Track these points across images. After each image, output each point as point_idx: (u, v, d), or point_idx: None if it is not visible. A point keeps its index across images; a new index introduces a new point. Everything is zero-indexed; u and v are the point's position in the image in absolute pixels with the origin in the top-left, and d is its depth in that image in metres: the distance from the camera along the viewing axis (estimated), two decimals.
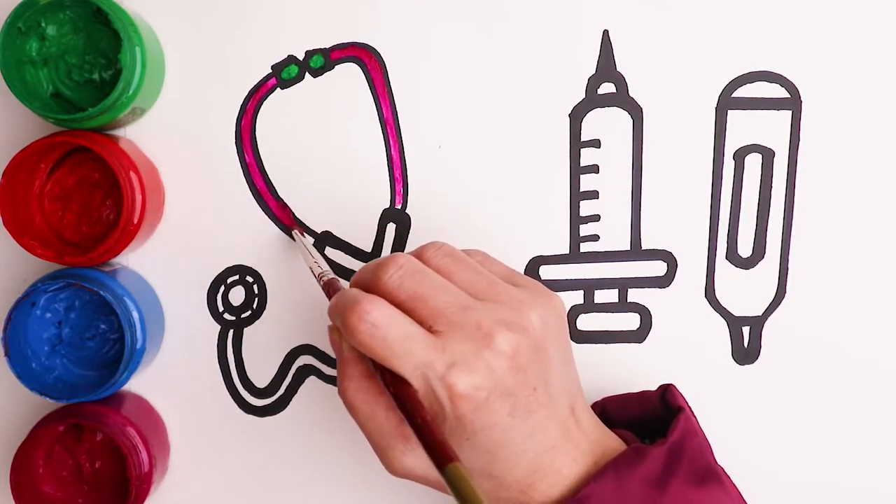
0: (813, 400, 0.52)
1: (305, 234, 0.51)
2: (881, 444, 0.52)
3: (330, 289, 0.44)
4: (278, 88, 0.51)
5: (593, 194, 0.51)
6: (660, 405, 0.46)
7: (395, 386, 0.38)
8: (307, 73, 0.51)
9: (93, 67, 0.48)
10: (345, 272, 0.51)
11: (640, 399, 0.47)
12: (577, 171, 0.51)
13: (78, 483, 0.49)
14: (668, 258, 0.52)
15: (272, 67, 0.51)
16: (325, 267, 0.47)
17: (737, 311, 0.52)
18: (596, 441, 0.42)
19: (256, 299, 0.51)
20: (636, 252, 0.52)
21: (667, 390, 0.46)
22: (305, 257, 0.48)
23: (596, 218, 0.51)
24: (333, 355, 0.51)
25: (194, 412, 0.51)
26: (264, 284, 0.51)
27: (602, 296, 0.52)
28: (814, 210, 0.51)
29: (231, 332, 0.51)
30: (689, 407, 0.45)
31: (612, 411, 0.46)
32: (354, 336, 0.38)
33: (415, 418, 0.37)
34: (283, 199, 0.51)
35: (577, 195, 0.51)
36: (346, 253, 0.51)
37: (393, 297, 0.39)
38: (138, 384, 0.51)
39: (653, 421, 0.45)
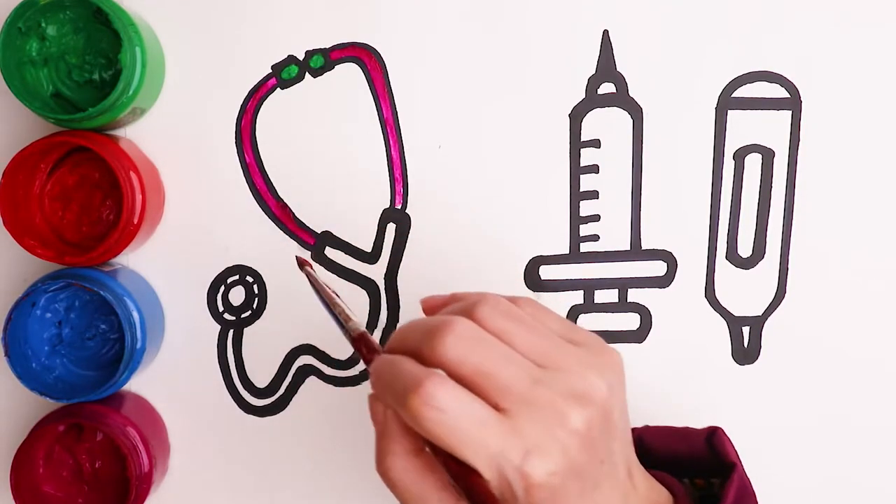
0: (813, 400, 0.52)
1: (314, 270, 0.44)
2: (881, 443, 0.52)
3: (362, 346, 0.40)
4: (278, 88, 0.51)
5: (593, 194, 0.51)
6: (706, 448, 0.43)
7: (465, 478, 0.35)
8: (307, 73, 0.51)
9: (93, 67, 0.48)
10: (345, 272, 0.51)
11: (682, 435, 0.44)
12: (577, 171, 0.51)
13: (78, 483, 0.49)
14: (668, 258, 0.52)
15: (272, 67, 0.51)
16: (354, 316, 0.42)
17: (737, 311, 0.52)
18: (647, 498, 0.39)
19: (256, 299, 0.51)
20: (636, 252, 0.52)
21: (714, 434, 0.43)
22: (324, 300, 0.43)
23: (596, 218, 0.51)
24: (334, 355, 0.51)
25: (194, 412, 0.51)
26: (264, 284, 0.51)
27: (602, 296, 0.52)
28: (814, 210, 0.51)
29: (231, 332, 0.51)
30: (739, 458, 0.43)
31: (650, 443, 0.43)
32: (419, 423, 0.34)
33: None
34: (283, 199, 0.51)
35: (577, 195, 0.51)
36: (346, 253, 0.51)
37: (453, 371, 0.35)
38: (138, 384, 0.51)
39: (695, 460, 0.43)
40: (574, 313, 0.52)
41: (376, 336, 0.52)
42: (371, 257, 0.51)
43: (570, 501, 0.35)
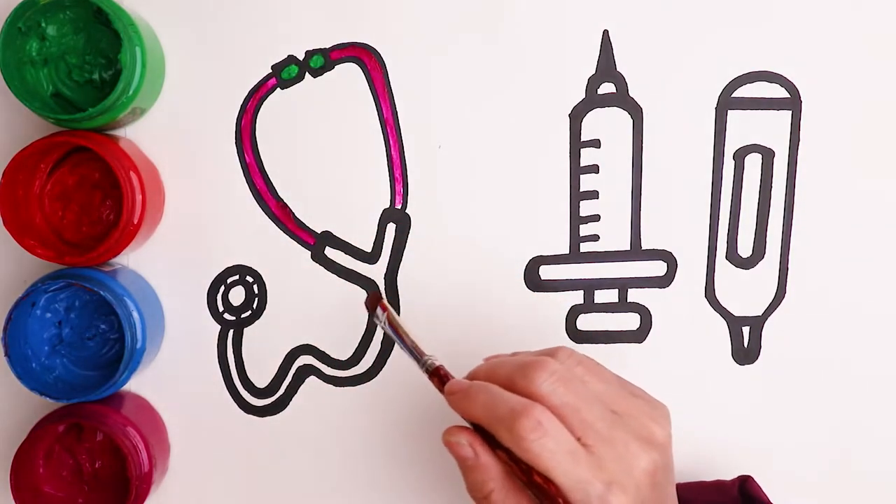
0: (812, 400, 0.52)
1: (388, 310, 0.45)
2: (881, 443, 0.52)
3: (442, 377, 0.43)
4: (278, 88, 0.51)
5: (593, 194, 0.51)
6: (739, 496, 0.47)
7: (547, 493, 0.38)
8: (307, 73, 0.51)
9: (93, 67, 0.48)
10: (345, 272, 0.51)
11: (716, 488, 0.48)
12: (577, 171, 0.51)
13: (78, 483, 0.49)
14: (668, 258, 0.52)
15: (272, 67, 0.51)
16: (429, 352, 0.44)
17: (737, 311, 0.52)
18: None
19: (256, 299, 0.51)
20: (636, 252, 0.52)
21: (746, 482, 0.47)
22: (398, 337, 0.45)
23: (596, 218, 0.51)
24: (334, 355, 0.51)
25: (194, 412, 0.51)
26: (264, 284, 0.51)
27: (602, 296, 0.52)
28: (814, 210, 0.51)
29: (231, 332, 0.51)
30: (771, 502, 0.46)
31: (685, 496, 0.46)
32: (524, 444, 0.38)
33: None
34: (283, 199, 0.51)
35: (577, 195, 0.51)
36: (346, 253, 0.51)
37: (546, 403, 0.39)
38: (138, 384, 0.51)
39: None
40: (574, 313, 0.52)
41: (377, 337, 0.52)
42: (371, 257, 0.51)
43: None
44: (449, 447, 0.41)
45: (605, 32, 0.51)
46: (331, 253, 0.51)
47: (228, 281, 0.51)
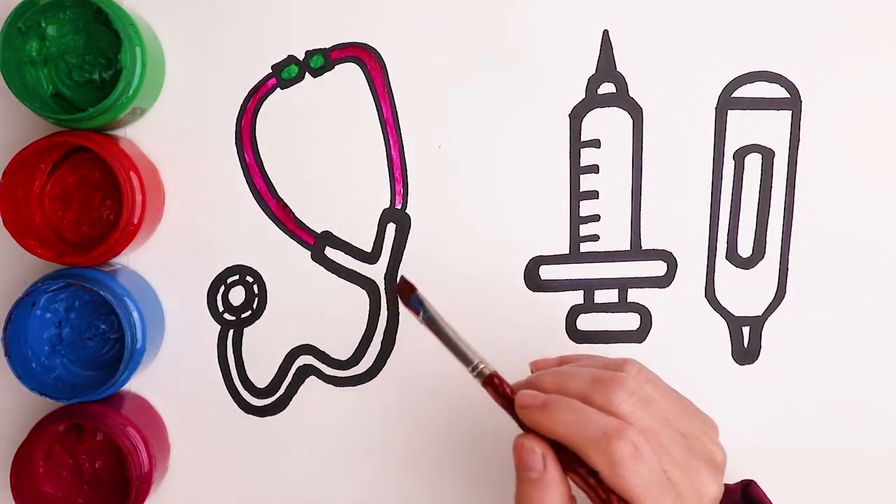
0: (813, 400, 0.52)
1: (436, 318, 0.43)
2: (881, 443, 0.52)
3: (497, 386, 0.41)
4: (278, 88, 0.51)
5: (593, 194, 0.51)
6: (741, 500, 0.46)
7: None
8: (307, 73, 0.51)
9: (93, 67, 0.48)
10: (345, 272, 0.51)
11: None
12: (577, 171, 0.51)
13: (78, 483, 0.49)
14: (668, 258, 0.52)
15: (272, 67, 0.51)
16: (482, 356, 0.42)
17: (737, 311, 0.52)
18: None
19: (256, 299, 0.51)
20: (636, 252, 0.52)
21: (749, 486, 0.46)
22: (454, 344, 0.42)
23: (596, 218, 0.51)
24: (334, 355, 0.51)
25: (194, 412, 0.51)
26: (264, 284, 0.51)
27: (602, 296, 0.52)
28: (814, 210, 0.51)
29: (231, 332, 0.51)
30: None
31: None
32: (618, 469, 0.37)
33: None
34: (283, 199, 0.51)
35: (577, 195, 0.51)
36: (346, 253, 0.51)
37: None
38: (138, 384, 0.51)
39: None
40: (574, 313, 0.52)
41: (377, 337, 0.52)
42: (371, 257, 0.51)
43: None
44: (519, 452, 0.39)
45: (605, 32, 0.51)
46: (331, 253, 0.51)
47: (228, 281, 0.51)
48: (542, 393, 0.40)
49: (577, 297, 0.52)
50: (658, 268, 0.52)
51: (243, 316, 0.51)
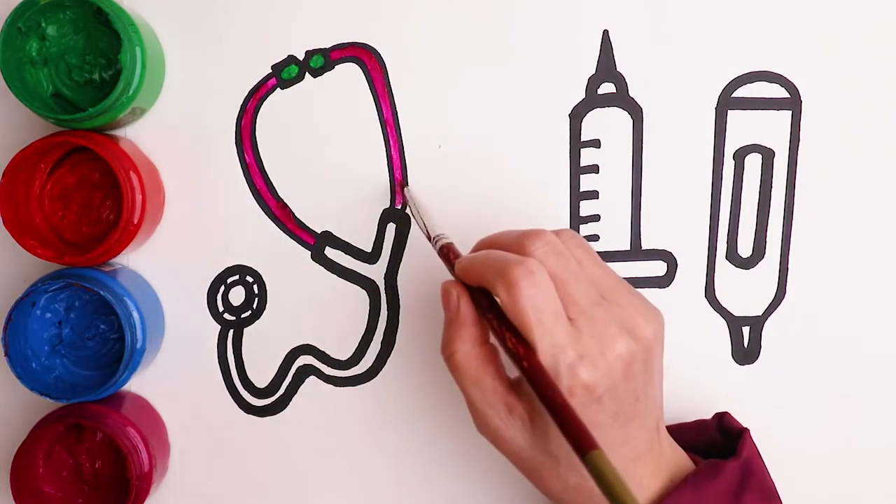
0: (813, 400, 0.52)
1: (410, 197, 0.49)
2: (881, 443, 0.52)
3: (450, 253, 0.44)
4: (278, 88, 0.51)
5: (593, 194, 0.51)
6: (717, 432, 0.47)
7: (528, 359, 0.38)
8: (307, 73, 0.51)
9: (93, 67, 0.48)
10: (345, 272, 0.51)
11: (696, 428, 0.48)
12: (577, 171, 0.51)
13: (78, 483, 0.49)
14: (668, 258, 0.52)
15: (272, 67, 0.51)
16: (441, 231, 0.46)
17: (737, 311, 0.52)
18: (672, 458, 0.43)
19: (256, 299, 0.51)
20: (636, 252, 0.52)
21: (723, 417, 0.47)
22: (418, 216, 0.48)
23: (596, 218, 0.51)
24: (334, 355, 0.51)
25: (194, 412, 0.51)
26: (264, 284, 0.51)
27: None
28: (814, 210, 0.51)
29: (231, 332, 0.51)
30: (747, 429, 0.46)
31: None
32: (514, 292, 0.38)
33: (554, 398, 0.37)
34: (283, 199, 0.51)
35: (577, 195, 0.51)
36: (346, 253, 0.51)
37: None
38: (138, 384, 0.51)
39: (710, 448, 0.46)
40: None
41: (377, 337, 0.52)
42: (371, 257, 0.51)
43: (602, 418, 0.39)
44: (441, 296, 0.42)
45: (605, 32, 0.51)
46: (331, 253, 0.51)
47: (228, 281, 0.51)
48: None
49: None
50: (658, 268, 0.52)
51: (243, 316, 0.51)
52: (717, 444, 0.47)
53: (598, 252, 0.51)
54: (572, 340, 0.38)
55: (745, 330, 0.52)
